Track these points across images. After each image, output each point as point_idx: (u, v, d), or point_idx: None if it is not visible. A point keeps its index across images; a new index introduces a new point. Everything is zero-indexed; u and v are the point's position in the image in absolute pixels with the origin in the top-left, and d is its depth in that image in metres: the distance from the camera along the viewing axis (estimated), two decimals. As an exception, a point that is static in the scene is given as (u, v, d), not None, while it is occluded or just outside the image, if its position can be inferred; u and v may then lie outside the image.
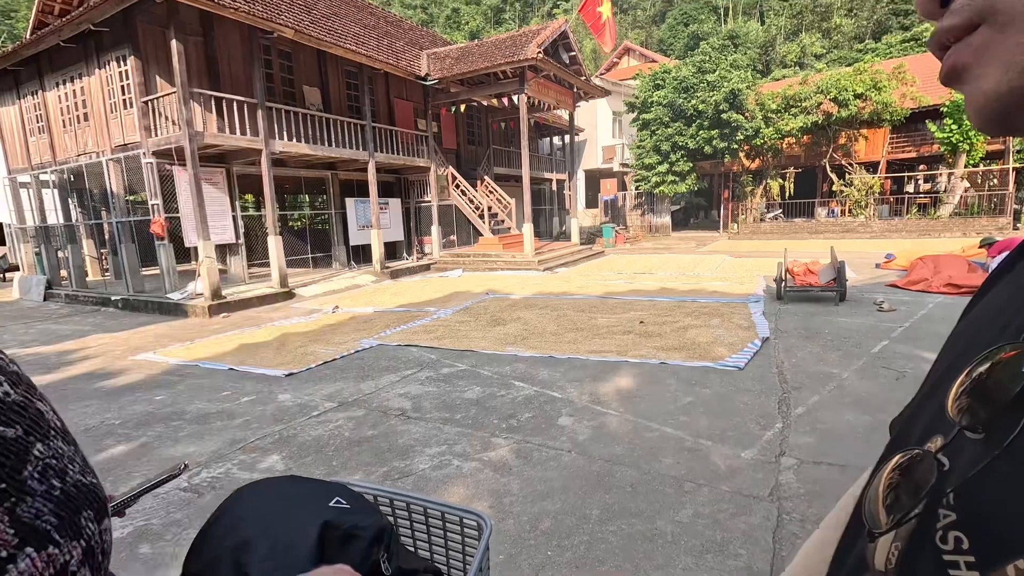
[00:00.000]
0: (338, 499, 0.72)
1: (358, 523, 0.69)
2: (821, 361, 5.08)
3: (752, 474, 3.05)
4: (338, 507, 0.70)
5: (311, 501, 0.71)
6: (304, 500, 0.71)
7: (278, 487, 0.75)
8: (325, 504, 0.70)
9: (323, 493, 0.73)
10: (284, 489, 0.74)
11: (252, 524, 0.67)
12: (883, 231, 18.97)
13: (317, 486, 0.75)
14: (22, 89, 12.75)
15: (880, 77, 19.07)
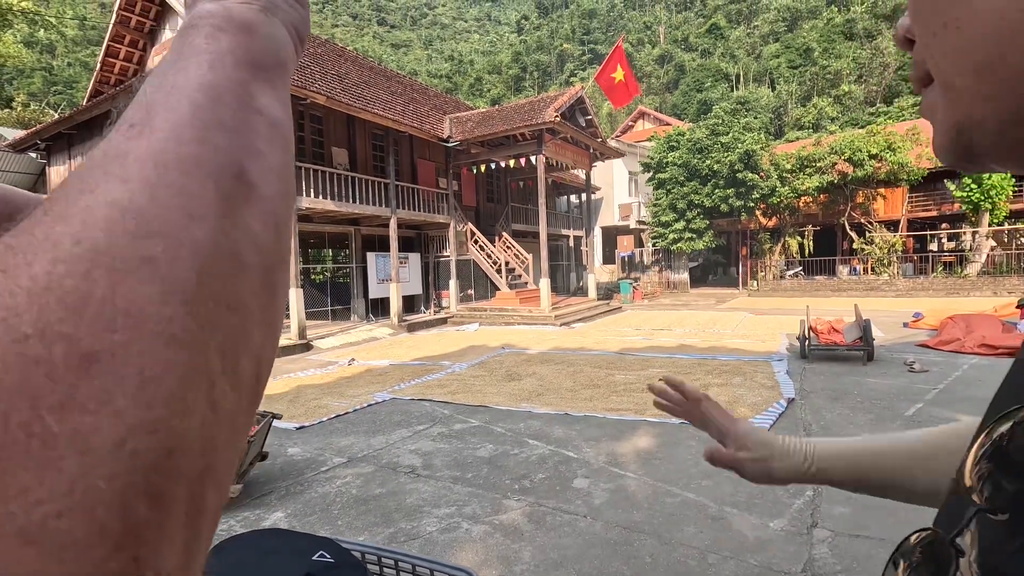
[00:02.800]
0: (322, 553, 0.68)
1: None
2: (851, 424, 4.84)
3: (783, 547, 2.83)
4: (322, 561, 0.66)
5: (293, 555, 0.67)
6: (286, 554, 0.67)
7: (259, 541, 0.71)
8: (308, 558, 0.66)
9: (306, 547, 0.69)
10: (266, 543, 0.70)
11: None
12: (908, 289, 18.56)
13: (300, 540, 0.72)
14: (74, 151, 13.69)
15: (894, 138, 19.35)
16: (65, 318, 0.15)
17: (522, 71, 75.83)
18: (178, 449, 0.16)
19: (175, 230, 0.18)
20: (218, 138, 0.21)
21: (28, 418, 0.14)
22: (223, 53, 0.23)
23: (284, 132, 0.25)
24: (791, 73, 50.98)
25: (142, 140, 0.20)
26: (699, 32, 66.29)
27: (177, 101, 0.21)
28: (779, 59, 53.98)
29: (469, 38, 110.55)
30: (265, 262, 0.21)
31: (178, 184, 0.19)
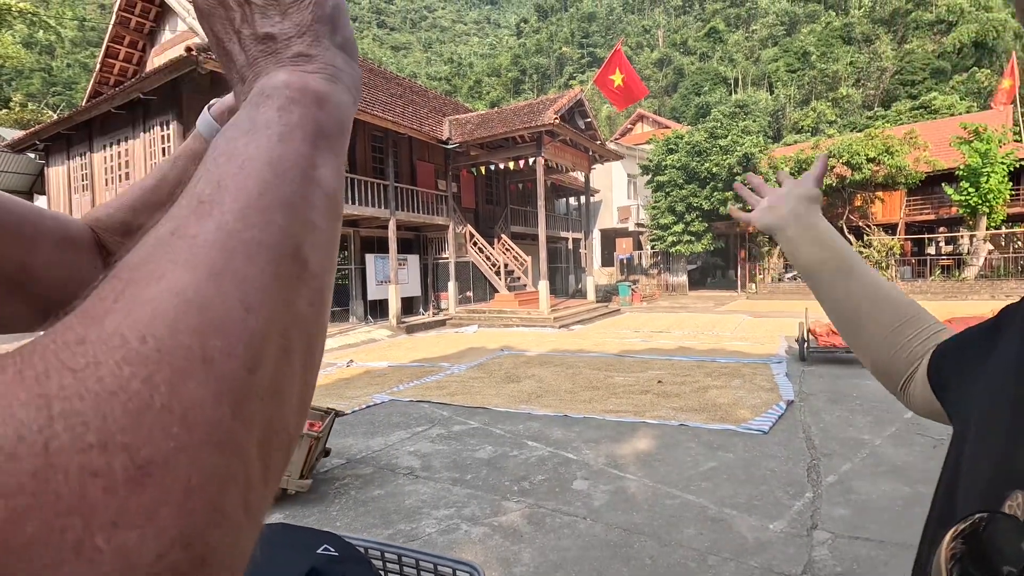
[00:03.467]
0: (327, 547, 0.67)
1: (346, 572, 0.64)
2: (851, 426, 4.84)
3: (783, 548, 2.82)
4: (326, 554, 0.66)
5: (298, 548, 0.67)
6: (291, 547, 0.67)
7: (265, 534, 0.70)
8: (312, 551, 0.66)
9: (311, 541, 0.69)
10: (271, 536, 0.70)
11: None
12: (906, 292, 18.35)
13: (305, 534, 0.71)
14: (72, 151, 13.67)
15: (892, 142, 19.41)
16: (127, 427, 0.15)
17: (521, 74, 75.99)
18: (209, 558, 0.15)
19: (234, 325, 0.18)
20: (280, 218, 0.21)
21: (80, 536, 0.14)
22: (293, 127, 0.24)
23: (337, 202, 0.25)
24: (789, 77, 51.18)
25: (211, 221, 0.20)
26: (698, 36, 66.51)
27: (246, 178, 0.21)
28: (777, 63, 54.17)
29: (468, 41, 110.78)
30: (308, 341, 0.21)
31: (241, 272, 0.19)
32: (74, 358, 0.15)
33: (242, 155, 0.22)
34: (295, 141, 0.24)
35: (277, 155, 0.23)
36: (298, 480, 3.41)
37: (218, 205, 0.20)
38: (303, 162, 0.23)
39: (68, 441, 0.14)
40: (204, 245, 0.19)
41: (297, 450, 3.38)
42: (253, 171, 0.22)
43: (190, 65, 9.09)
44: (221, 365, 0.17)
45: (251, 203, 0.21)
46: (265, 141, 0.23)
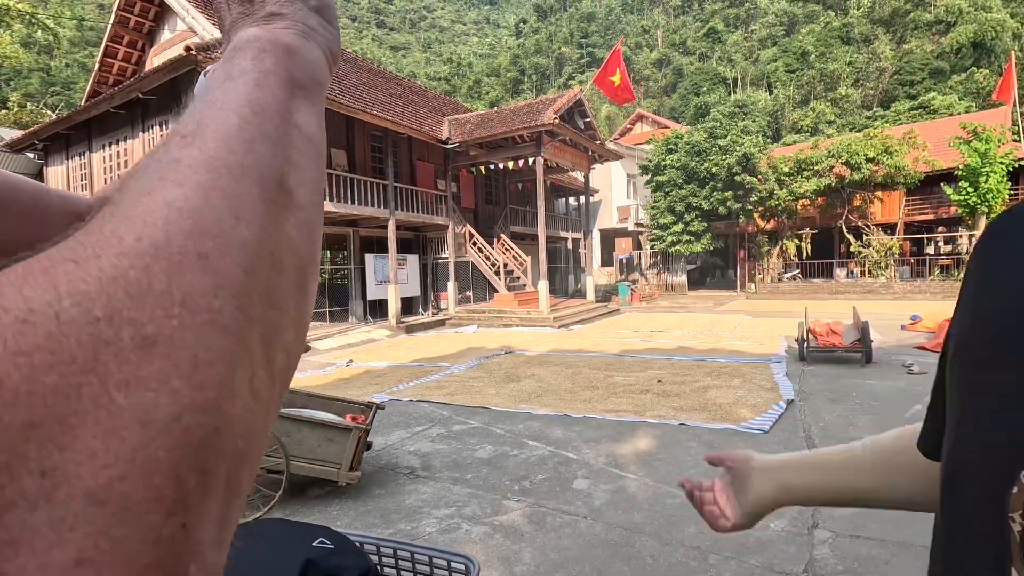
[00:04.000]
0: (322, 540, 0.67)
1: (342, 563, 0.64)
2: (851, 425, 4.84)
3: (783, 547, 2.82)
4: (322, 547, 0.66)
5: (294, 542, 0.66)
6: (287, 541, 0.67)
7: (260, 529, 0.70)
8: (308, 544, 0.66)
9: (307, 534, 0.68)
10: (268, 531, 0.70)
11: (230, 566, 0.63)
12: (906, 292, 18.62)
13: (301, 528, 0.71)
14: (71, 151, 13.65)
15: (891, 142, 19.43)
16: (130, 305, 0.17)
17: (520, 74, 75.99)
18: (224, 429, 0.18)
19: (225, 230, 0.20)
20: (263, 149, 0.23)
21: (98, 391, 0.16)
22: (268, 72, 0.26)
23: (318, 146, 0.27)
24: (788, 77, 51.22)
25: (194, 148, 0.21)
26: (697, 36, 66.53)
27: (226, 115, 0.23)
28: (776, 63, 54.21)
29: (468, 41, 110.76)
30: (299, 264, 0.24)
31: (228, 188, 0.21)
32: (75, 253, 0.17)
33: (220, 99, 0.24)
34: (271, 86, 0.25)
35: (255, 97, 0.24)
36: (348, 472, 3.39)
37: (199, 138, 0.22)
38: (280, 105, 0.25)
39: (77, 314, 0.16)
40: (190, 166, 0.21)
41: (346, 442, 3.37)
42: (232, 109, 0.23)
43: (189, 64, 9.08)
44: (217, 261, 0.19)
45: (232, 134, 0.22)
46: (243, 86, 0.25)
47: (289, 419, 3.49)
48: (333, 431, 3.42)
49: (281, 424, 3.48)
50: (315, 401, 4.17)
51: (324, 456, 3.43)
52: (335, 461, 3.41)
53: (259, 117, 0.24)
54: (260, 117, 0.24)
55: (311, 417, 3.49)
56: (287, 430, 3.47)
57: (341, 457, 3.39)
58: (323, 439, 3.42)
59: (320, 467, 3.43)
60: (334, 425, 3.43)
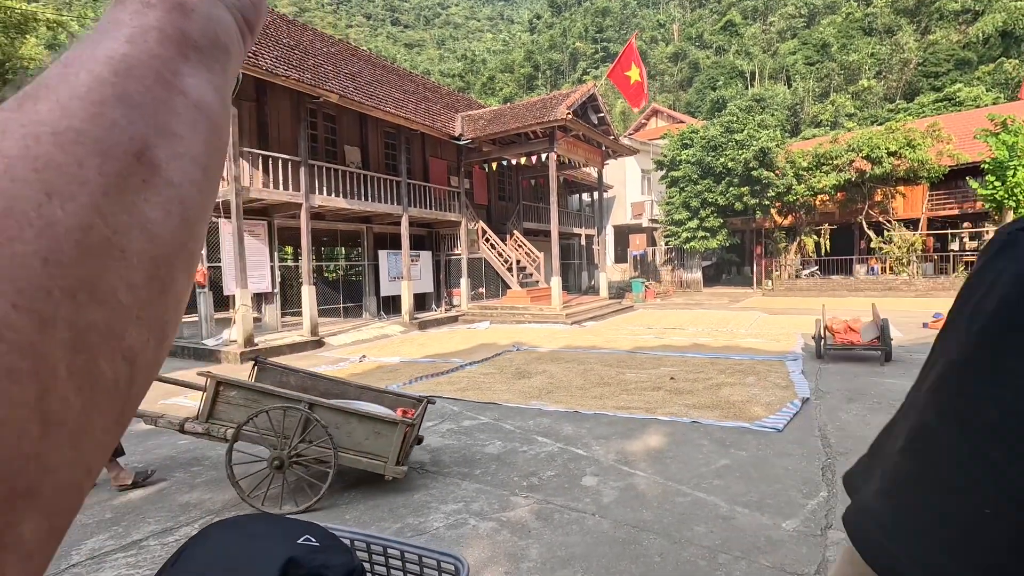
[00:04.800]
0: (308, 537, 0.66)
1: (326, 561, 0.63)
2: (868, 425, 4.73)
3: (795, 548, 2.77)
4: (307, 545, 0.64)
5: (278, 538, 0.65)
6: (271, 537, 0.66)
7: (246, 524, 0.69)
8: (293, 541, 0.65)
9: (292, 531, 0.67)
10: (252, 527, 0.69)
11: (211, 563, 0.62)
12: (928, 289, 18.17)
13: (288, 524, 0.70)
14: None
15: (913, 135, 18.92)
16: None
17: (535, 70, 75.64)
18: None
19: (26, 208, 0.16)
20: (117, 114, 0.20)
21: None
22: (147, 28, 0.22)
23: (212, 117, 0.23)
24: (808, 70, 50.16)
25: (22, 113, 0.18)
26: (713, 29, 65.52)
27: (76, 74, 0.20)
28: (796, 55, 53.15)
29: (482, 37, 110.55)
30: (157, 253, 0.20)
31: (46, 158, 0.17)
32: None
33: (77, 56, 0.20)
34: (148, 43, 0.22)
35: (120, 54, 0.21)
36: (394, 467, 3.40)
37: (33, 99, 0.19)
38: (158, 64, 0.22)
39: None
40: (5, 133, 0.17)
41: (393, 436, 3.37)
42: (86, 68, 0.20)
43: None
44: (1, 249, 0.15)
45: (76, 96, 0.19)
46: (109, 42, 0.21)
47: (338, 411, 3.52)
48: (381, 424, 3.44)
49: (331, 415, 3.51)
50: (367, 393, 4.20)
51: (372, 449, 3.46)
52: (382, 455, 3.43)
53: (121, 77, 0.20)
54: (123, 77, 0.20)
55: (359, 410, 3.52)
56: (337, 422, 3.50)
57: (388, 451, 3.40)
58: (371, 432, 3.45)
59: (367, 460, 3.46)
60: (382, 419, 3.44)
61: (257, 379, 4.36)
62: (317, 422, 3.42)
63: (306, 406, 3.50)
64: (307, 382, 4.42)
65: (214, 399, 3.78)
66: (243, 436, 3.58)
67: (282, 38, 12.44)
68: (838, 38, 51.33)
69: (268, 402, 3.58)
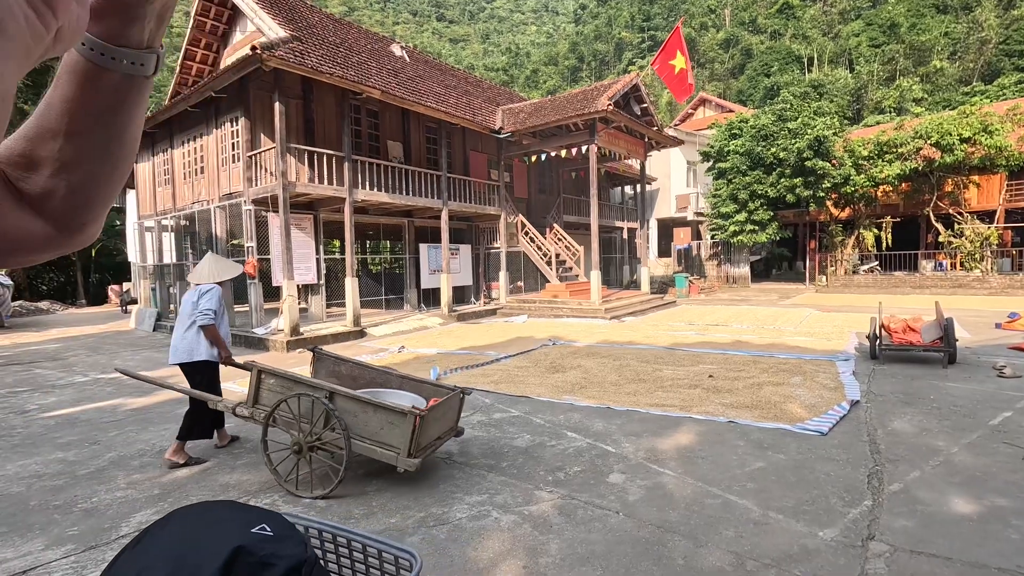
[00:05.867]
0: (264, 526, 0.66)
1: (276, 551, 0.63)
2: (924, 431, 4.41)
3: (831, 558, 2.61)
4: (260, 534, 0.64)
5: (233, 526, 0.66)
6: (226, 524, 0.66)
7: (207, 511, 0.70)
8: (247, 530, 0.64)
9: (250, 519, 0.67)
10: (212, 513, 0.70)
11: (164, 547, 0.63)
12: (1004, 287, 16.75)
13: (248, 512, 0.70)
14: (156, 148, 14.83)
15: (991, 119, 17.40)
16: None
17: (579, 61, 74.60)
18: None
19: None
20: None
21: None
22: None
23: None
24: (872, 53, 47.05)
25: None
26: (768, 13, 62.41)
27: None
28: (860, 37, 49.93)
29: (526, 30, 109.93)
30: None
31: None
32: None
33: None
34: None
35: None
36: (406, 459, 3.39)
37: None
38: None
39: None
40: None
41: (401, 427, 3.40)
42: None
43: (255, 63, 9.56)
44: None
45: None
46: None
47: (355, 400, 3.59)
48: (394, 415, 3.46)
49: (349, 404, 3.59)
50: (408, 383, 4.29)
51: (386, 439, 3.49)
52: (396, 445, 3.45)
53: None
54: None
55: (371, 400, 3.58)
56: (354, 410, 3.59)
57: (402, 442, 3.44)
58: (385, 422, 3.49)
59: (382, 450, 3.50)
60: (394, 409, 3.49)
61: (314, 367, 4.64)
62: (330, 409, 3.48)
63: (325, 394, 3.59)
64: (355, 371, 4.58)
65: (257, 386, 3.94)
66: (277, 422, 3.73)
67: (328, 36, 12.79)
68: (908, 17, 47.84)
69: (296, 389, 3.70)
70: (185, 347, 4.31)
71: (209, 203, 12.48)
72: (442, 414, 3.75)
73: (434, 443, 3.73)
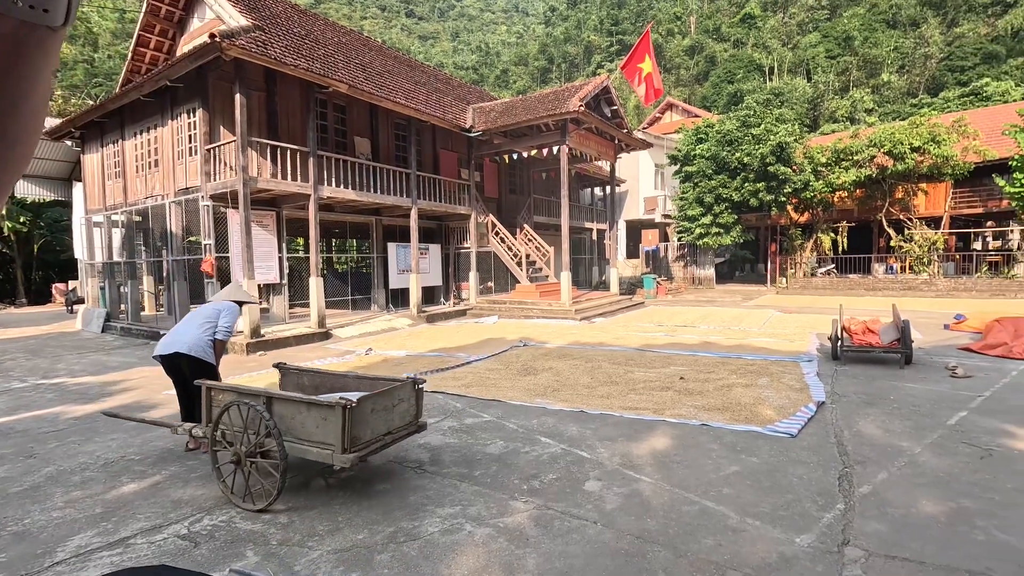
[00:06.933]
0: None
1: None
2: (888, 432, 4.52)
3: (810, 566, 2.60)
4: None
5: None
6: None
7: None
8: None
9: None
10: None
11: None
12: (949, 290, 17.66)
13: None
14: (105, 139, 14.00)
15: (938, 130, 18.33)
16: None
17: (549, 63, 74.94)
18: None
19: None
20: None
21: None
22: None
23: None
24: (829, 64, 49.00)
25: None
26: (731, 22, 64.21)
27: None
28: (817, 48, 51.91)
29: (496, 29, 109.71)
30: None
31: None
32: None
33: None
34: None
35: None
36: (341, 455, 3.20)
37: None
38: None
39: None
40: None
41: (333, 422, 3.20)
42: None
43: (214, 51, 9.11)
44: None
45: None
46: None
47: (290, 401, 3.41)
48: (325, 410, 3.26)
49: (286, 407, 3.40)
50: (365, 382, 4.09)
51: (325, 438, 3.28)
52: (333, 442, 3.25)
53: None
54: None
55: (303, 398, 3.39)
56: (292, 413, 3.39)
57: (336, 437, 3.21)
58: (320, 419, 3.29)
59: (318, 450, 3.29)
60: (326, 404, 3.27)
61: (281, 383, 4.56)
62: (261, 414, 3.30)
63: (263, 400, 3.42)
64: (317, 379, 4.42)
65: (209, 402, 3.72)
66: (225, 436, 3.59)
67: (293, 28, 12.33)
68: (861, 31, 50.03)
69: (233, 400, 3.52)
70: (199, 345, 4.23)
71: (164, 198, 11.85)
72: (385, 405, 3.53)
73: (383, 439, 3.50)
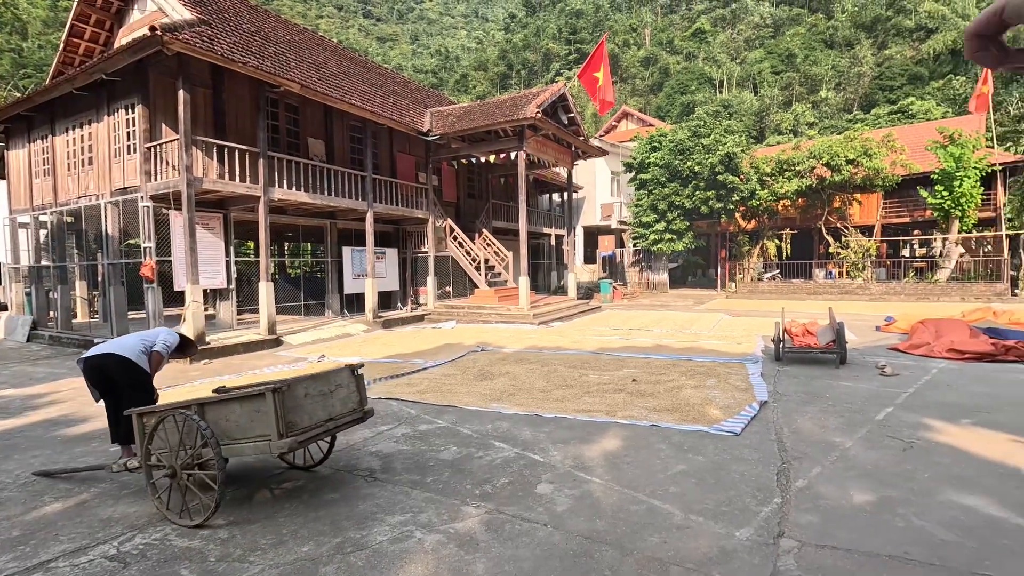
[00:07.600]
0: None
1: None
2: (822, 428, 4.78)
3: (747, 558, 2.71)
4: None
5: None
6: None
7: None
8: None
9: None
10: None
11: None
12: (881, 294, 18.89)
13: None
14: (33, 134, 13.06)
15: (870, 144, 19.65)
16: None
17: (508, 69, 75.44)
18: None
19: None
20: None
21: None
22: None
23: None
24: (774, 79, 51.64)
25: None
26: (684, 35, 66.70)
27: None
28: (763, 64, 54.63)
29: (456, 34, 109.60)
30: None
31: None
32: None
33: None
34: None
35: None
36: (278, 441, 3.08)
37: None
38: None
39: None
40: None
41: (265, 410, 3.11)
42: None
43: (155, 45, 8.68)
44: None
45: None
46: None
47: (220, 402, 3.27)
48: (256, 400, 3.16)
49: (218, 410, 3.26)
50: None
51: (260, 431, 3.17)
52: (268, 432, 3.14)
53: None
54: None
55: (232, 395, 3.26)
56: (225, 415, 3.25)
57: (270, 426, 3.11)
58: (252, 412, 3.17)
59: (255, 444, 3.17)
60: (252, 394, 3.18)
61: None
62: (195, 423, 3.18)
63: (194, 408, 3.28)
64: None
65: (141, 428, 3.52)
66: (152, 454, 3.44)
67: (242, 24, 11.92)
68: (802, 49, 53.00)
69: (165, 413, 3.36)
70: (134, 350, 4.00)
71: (99, 198, 11.16)
72: (321, 391, 3.46)
73: (324, 425, 3.41)
